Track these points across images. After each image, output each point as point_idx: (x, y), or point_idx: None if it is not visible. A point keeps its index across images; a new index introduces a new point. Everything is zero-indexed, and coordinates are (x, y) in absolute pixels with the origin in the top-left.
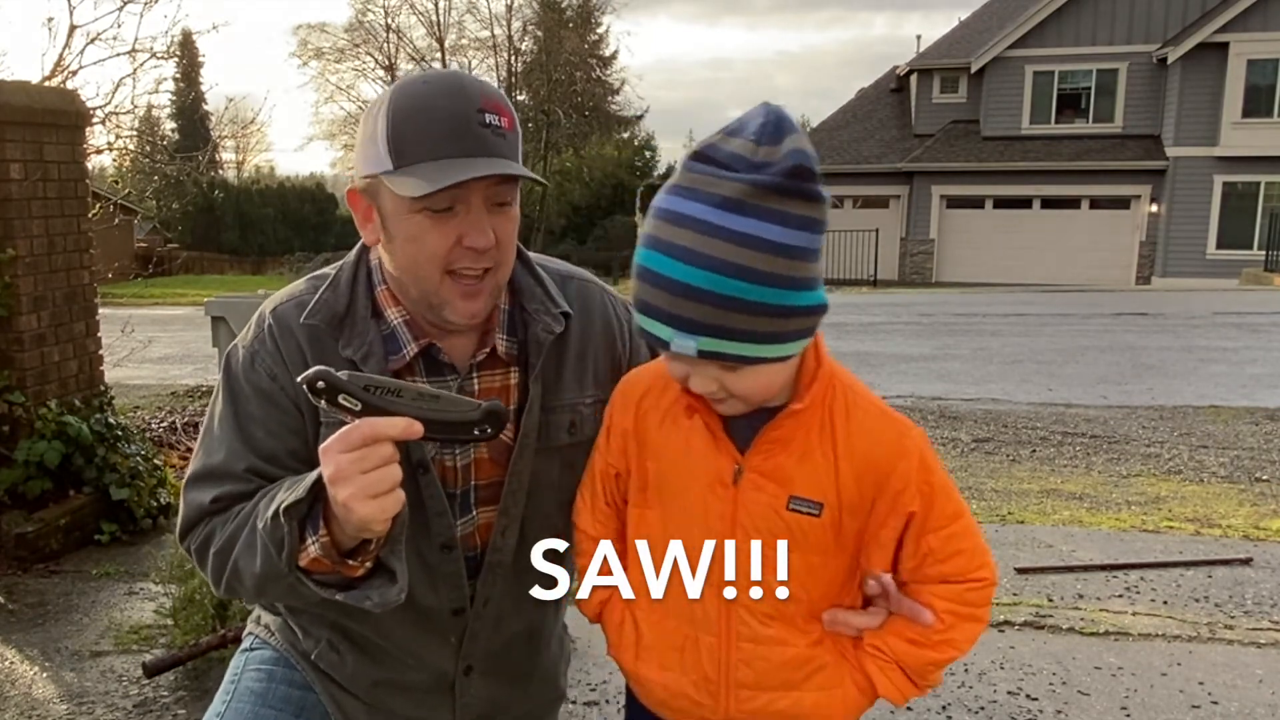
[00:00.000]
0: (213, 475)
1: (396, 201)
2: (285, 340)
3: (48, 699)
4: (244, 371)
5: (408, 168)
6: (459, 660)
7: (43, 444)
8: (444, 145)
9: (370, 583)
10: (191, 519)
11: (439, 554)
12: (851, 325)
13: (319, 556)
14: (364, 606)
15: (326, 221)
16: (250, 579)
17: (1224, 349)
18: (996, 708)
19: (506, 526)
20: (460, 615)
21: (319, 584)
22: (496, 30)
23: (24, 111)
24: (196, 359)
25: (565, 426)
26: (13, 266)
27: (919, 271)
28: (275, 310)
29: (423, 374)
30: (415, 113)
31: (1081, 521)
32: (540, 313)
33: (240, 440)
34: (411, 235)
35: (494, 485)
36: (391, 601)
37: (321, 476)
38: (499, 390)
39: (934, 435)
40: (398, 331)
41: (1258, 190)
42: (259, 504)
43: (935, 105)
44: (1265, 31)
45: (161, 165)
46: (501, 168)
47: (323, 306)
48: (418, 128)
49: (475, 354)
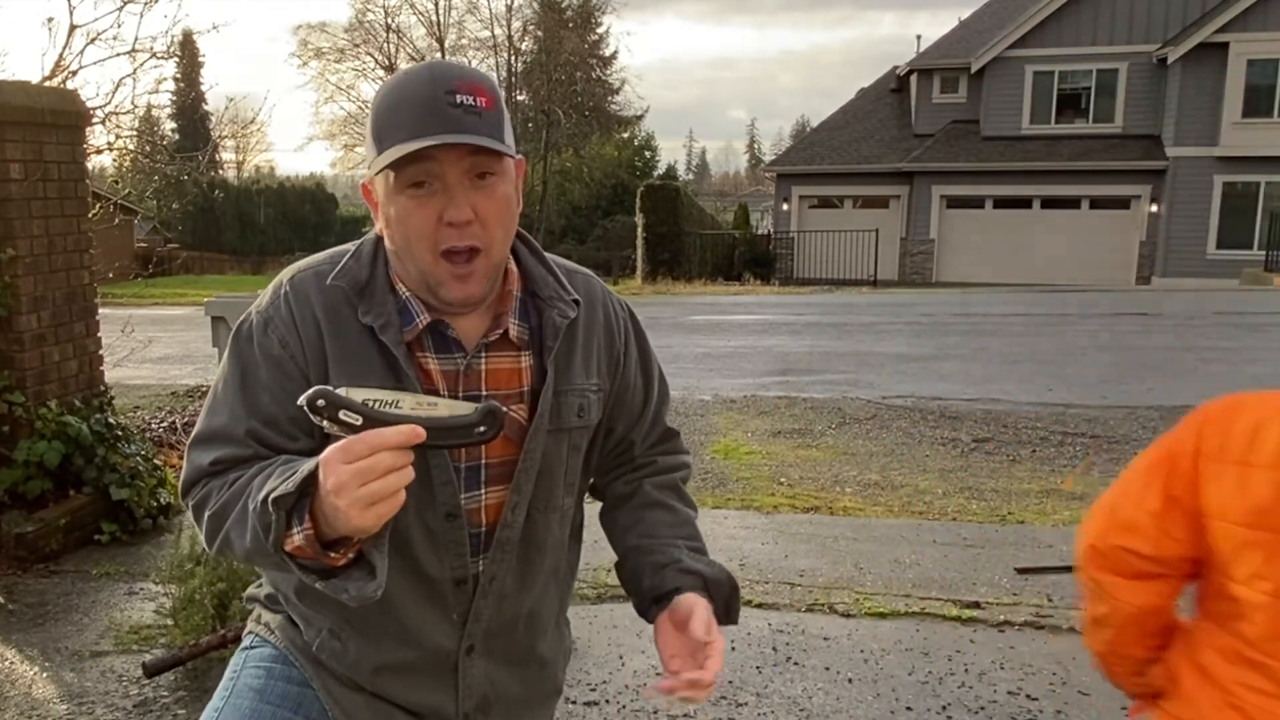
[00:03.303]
0: (214, 438)
1: (383, 185)
2: (301, 308)
3: (48, 699)
4: (256, 336)
5: (386, 151)
6: (462, 639)
7: (43, 444)
8: (414, 127)
9: (350, 574)
10: (190, 479)
11: (443, 522)
12: (851, 325)
13: (302, 545)
14: (341, 599)
15: (326, 221)
16: (241, 550)
17: (1224, 349)
18: (996, 708)
19: (517, 503)
20: (462, 586)
21: (301, 568)
22: (496, 30)
23: (24, 111)
24: (196, 359)
25: (575, 410)
26: (13, 266)
27: (919, 271)
28: (293, 279)
29: (431, 350)
30: (390, 101)
31: (1081, 521)
32: (554, 299)
33: (243, 404)
34: (400, 216)
35: (506, 464)
36: (368, 596)
37: (314, 471)
38: (509, 370)
39: (934, 435)
40: (410, 303)
41: (1258, 190)
42: (253, 481)
43: (935, 105)
44: (1265, 31)
45: (161, 165)
46: (458, 139)
47: (347, 273)
48: (392, 113)
49: (487, 334)
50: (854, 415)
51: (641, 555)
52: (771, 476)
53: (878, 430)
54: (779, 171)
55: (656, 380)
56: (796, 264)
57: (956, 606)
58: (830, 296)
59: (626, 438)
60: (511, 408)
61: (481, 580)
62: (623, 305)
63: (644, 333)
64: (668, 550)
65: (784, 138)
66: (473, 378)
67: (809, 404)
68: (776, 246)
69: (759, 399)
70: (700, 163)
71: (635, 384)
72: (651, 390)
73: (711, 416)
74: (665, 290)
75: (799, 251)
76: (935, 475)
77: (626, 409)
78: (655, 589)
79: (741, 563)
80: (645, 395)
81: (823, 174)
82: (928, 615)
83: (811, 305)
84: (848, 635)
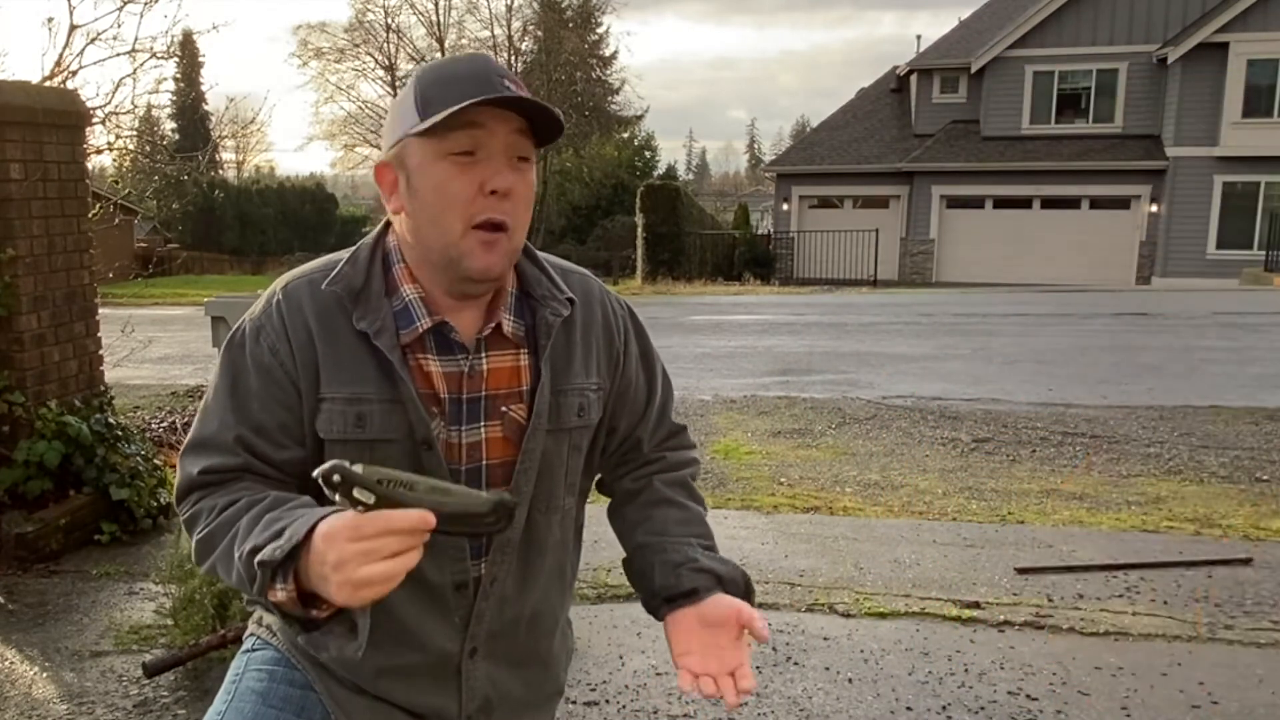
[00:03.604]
0: (204, 445)
1: (424, 151)
2: (293, 316)
3: (48, 699)
4: (248, 344)
5: (433, 115)
6: (464, 642)
7: (43, 444)
8: (467, 91)
9: (332, 630)
10: (182, 489)
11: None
12: (851, 325)
13: (284, 601)
14: (320, 657)
15: (326, 221)
16: (227, 581)
17: (1224, 349)
18: (996, 708)
19: (517, 504)
20: (463, 590)
21: (284, 616)
22: (496, 30)
23: (24, 111)
24: (196, 359)
25: (574, 409)
26: (13, 266)
27: (919, 271)
28: (286, 287)
29: (434, 352)
30: (440, 75)
31: (1081, 521)
32: (547, 298)
33: (232, 412)
34: (437, 183)
35: (506, 465)
36: (349, 656)
37: (307, 535)
38: (509, 370)
39: (934, 435)
40: (411, 306)
41: (1258, 190)
42: (241, 519)
43: (935, 105)
44: (1265, 31)
45: (161, 165)
46: (517, 95)
47: (341, 278)
48: (443, 83)
49: (482, 329)
50: (854, 415)
51: (651, 553)
52: (771, 476)
53: (878, 430)
54: (779, 171)
55: (660, 377)
56: (796, 264)
57: (956, 606)
58: (830, 296)
59: (633, 435)
60: (511, 407)
61: (482, 583)
62: (621, 304)
63: (645, 330)
64: (680, 549)
65: (784, 138)
66: (476, 379)
67: (809, 404)
68: (776, 246)
69: (759, 399)
70: (700, 163)
71: (637, 382)
72: (655, 387)
73: (711, 416)
74: (665, 290)
75: (799, 251)
76: (935, 475)
77: (629, 407)
78: (669, 588)
79: (742, 563)
80: (649, 393)
81: (823, 174)
82: (928, 615)
83: (811, 305)
84: (848, 635)
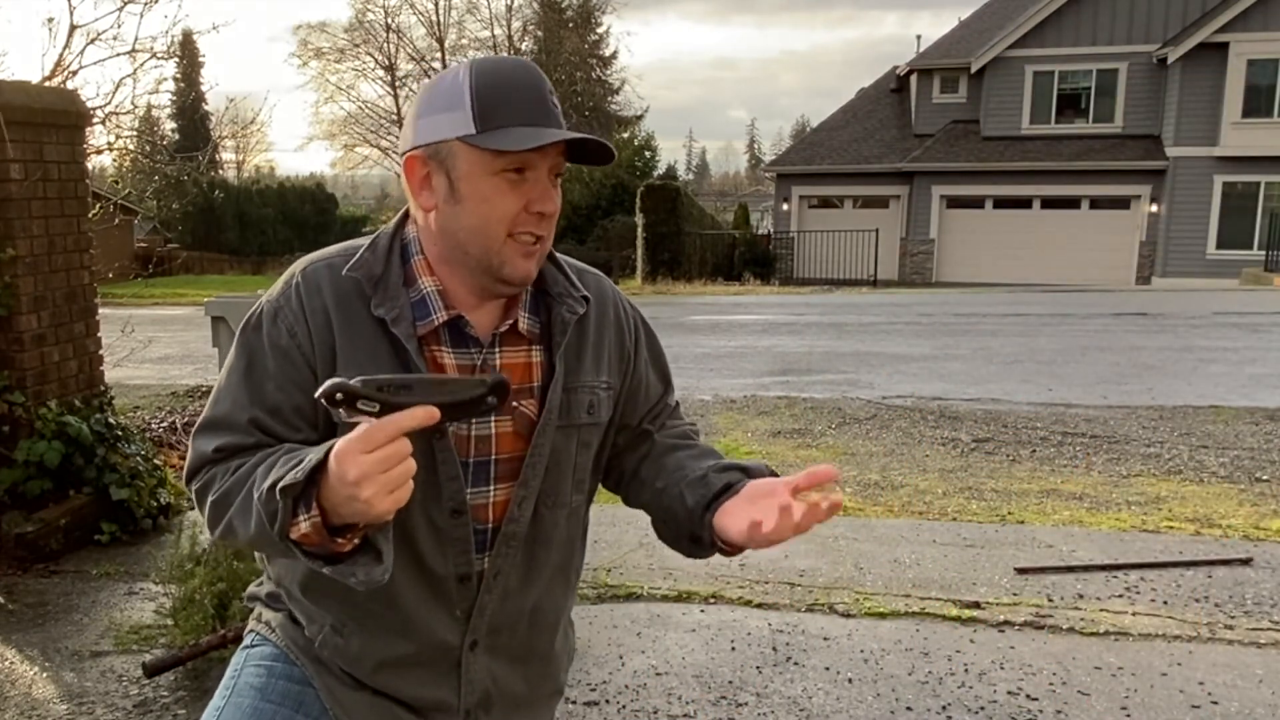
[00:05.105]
0: (217, 425)
1: (477, 164)
2: (311, 299)
3: (48, 699)
4: (265, 326)
5: (498, 130)
6: (465, 634)
7: (43, 444)
8: (529, 113)
9: (356, 559)
10: (194, 466)
11: (449, 518)
12: (851, 325)
13: (308, 533)
14: (348, 583)
15: (326, 221)
16: (244, 537)
17: (1224, 349)
18: (996, 708)
19: (524, 498)
20: (466, 583)
21: (307, 555)
22: (496, 30)
23: (24, 111)
24: (196, 359)
25: (585, 406)
26: (13, 266)
27: (919, 271)
28: (305, 270)
29: (448, 345)
30: (501, 82)
31: (1081, 521)
32: (564, 296)
33: (247, 393)
34: (485, 195)
35: (515, 459)
36: (376, 580)
37: (324, 460)
38: (522, 366)
39: (934, 435)
40: (429, 298)
41: (1258, 190)
42: (256, 469)
43: (935, 105)
44: (1265, 31)
45: (161, 165)
46: (576, 135)
47: (362, 264)
48: (505, 96)
49: (499, 326)
50: (854, 415)
51: (675, 485)
52: None
53: (878, 430)
54: (779, 171)
55: (670, 376)
56: (796, 264)
57: (956, 606)
58: (830, 296)
59: (642, 427)
60: (523, 403)
61: (486, 576)
62: (633, 305)
63: (654, 332)
64: (698, 469)
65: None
66: (489, 373)
67: (809, 404)
68: (776, 246)
69: (759, 399)
70: (700, 163)
71: (649, 381)
72: (669, 386)
73: (712, 416)
74: (665, 290)
75: (799, 251)
76: (935, 475)
77: (640, 406)
78: (703, 498)
79: (741, 563)
80: (664, 390)
81: (823, 174)
82: (928, 615)
83: (811, 305)
84: (848, 635)
